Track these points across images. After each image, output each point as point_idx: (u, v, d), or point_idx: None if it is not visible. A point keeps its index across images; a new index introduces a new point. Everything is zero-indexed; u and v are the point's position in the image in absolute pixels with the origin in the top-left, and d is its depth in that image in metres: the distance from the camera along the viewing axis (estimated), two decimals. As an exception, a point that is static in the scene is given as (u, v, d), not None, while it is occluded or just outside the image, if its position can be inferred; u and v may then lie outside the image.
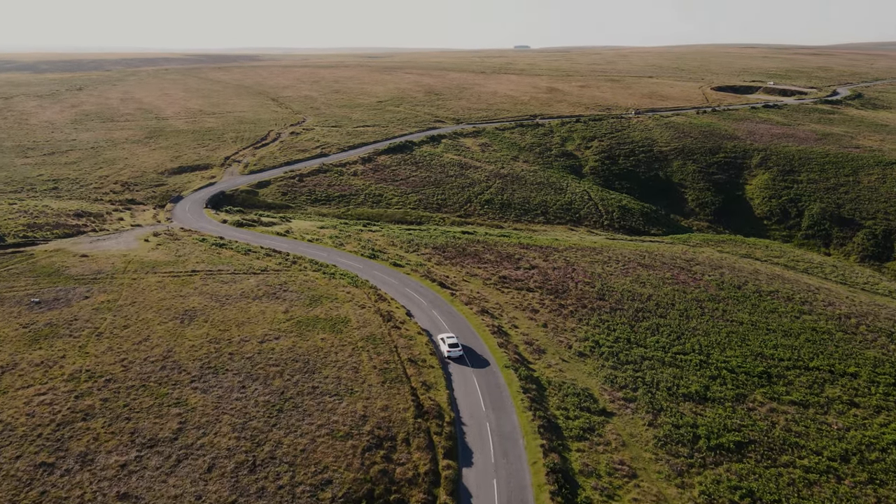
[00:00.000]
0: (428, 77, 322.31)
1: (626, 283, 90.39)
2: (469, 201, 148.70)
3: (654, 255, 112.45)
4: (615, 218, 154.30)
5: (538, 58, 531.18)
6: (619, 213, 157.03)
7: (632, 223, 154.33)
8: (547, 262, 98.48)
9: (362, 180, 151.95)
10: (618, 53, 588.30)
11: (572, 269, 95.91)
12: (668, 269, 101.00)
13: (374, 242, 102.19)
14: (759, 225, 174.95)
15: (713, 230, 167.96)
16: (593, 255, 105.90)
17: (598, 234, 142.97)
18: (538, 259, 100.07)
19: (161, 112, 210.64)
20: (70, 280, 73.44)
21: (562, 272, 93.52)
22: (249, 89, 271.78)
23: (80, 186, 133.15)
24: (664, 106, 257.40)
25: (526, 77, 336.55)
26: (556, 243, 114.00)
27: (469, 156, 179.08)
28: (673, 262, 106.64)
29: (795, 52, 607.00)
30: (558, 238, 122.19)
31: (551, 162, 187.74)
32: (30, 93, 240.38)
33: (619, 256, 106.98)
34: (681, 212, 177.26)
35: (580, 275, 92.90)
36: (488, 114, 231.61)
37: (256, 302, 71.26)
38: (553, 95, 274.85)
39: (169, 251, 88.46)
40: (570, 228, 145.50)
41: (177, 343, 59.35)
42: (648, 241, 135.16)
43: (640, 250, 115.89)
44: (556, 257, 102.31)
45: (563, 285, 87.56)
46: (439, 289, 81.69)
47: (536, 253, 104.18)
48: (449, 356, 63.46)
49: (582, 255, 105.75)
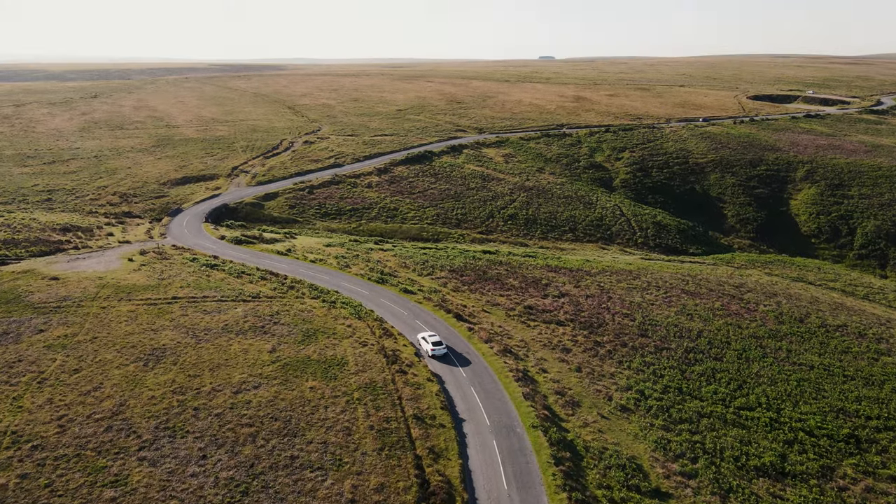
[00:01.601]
0: (450, 85, 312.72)
1: (671, 316, 78.38)
2: (491, 216, 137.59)
3: (698, 279, 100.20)
4: (650, 235, 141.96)
5: (564, 67, 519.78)
6: (653, 229, 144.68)
7: (668, 241, 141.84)
8: (578, 289, 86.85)
9: (377, 193, 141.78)
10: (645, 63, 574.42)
11: (608, 297, 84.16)
12: (717, 298, 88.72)
13: (383, 264, 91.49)
14: (806, 243, 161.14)
15: (756, 249, 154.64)
16: (630, 280, 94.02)
17: (633, 254, 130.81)
18: (568, 285, 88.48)
19: (172, 120, 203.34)
20: (28, 309, 63.81)
21: (596, 301, 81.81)
22: (266, 97, 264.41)
23: (75, 198, 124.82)
24: (698, 115, 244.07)
25: (552, 86, 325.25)
26: (588, 265, 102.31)
27: (492, 167, 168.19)
28: (721, 289, 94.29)
29: (831, 62, 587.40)
30: (589, 259, 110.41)
31: (579, 174, 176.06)
32: (43, 100, 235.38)
33: (659, 281, 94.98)
34: (720, 228, 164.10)
35: (617, 304, 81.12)
36: (512, 123, 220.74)
37: (240, 338, 60.81)
38: (580, 104, 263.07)
39: (152, 273, 78.70)
40: (600, 247, 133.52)
41: (133, 394, 49.00)
42: (688, 262, 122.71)
43: (681, 273, 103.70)
44: (588, 282, 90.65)
45: (599, 318, 75.87)
46: (455, 322, 70.53)
47: (566, 277, 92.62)
48: (433, 355, 62.27)
49: (617, 279, 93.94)
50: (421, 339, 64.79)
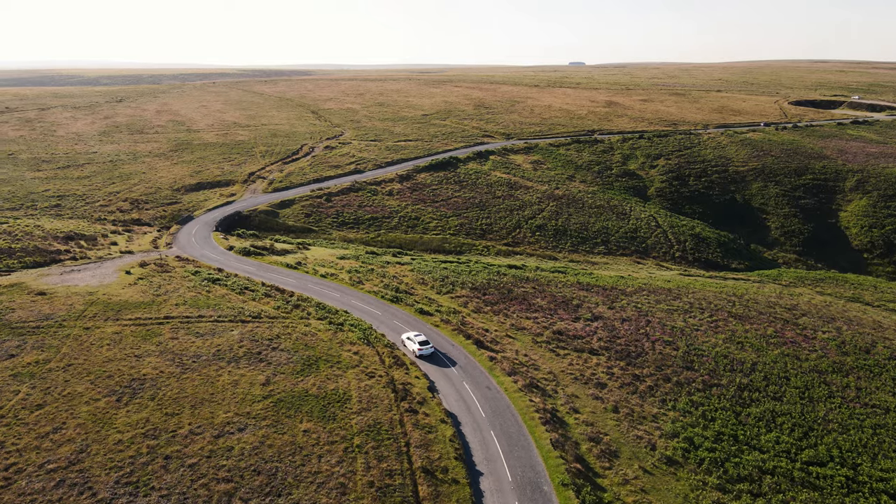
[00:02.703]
0: (478, 90, 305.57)
1: (719, 344, 69.67)
2: (518, 227, 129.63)
3: (745, 299, 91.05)
4: (688, 249, 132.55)
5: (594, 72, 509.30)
6: (692, 242, 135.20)
7: (708, 255, 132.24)
8: (613, 311, 78.53)
9: (398, 201, 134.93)
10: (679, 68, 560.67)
11: (646, 320, 75.70)
12: (769, 322, 79.58)
13: (399, 279, 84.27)
14: (858, 258, 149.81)
15: (803, 264, 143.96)
16: (670, 301, 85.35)
17: (670, 269, 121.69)
18: (602, 306, 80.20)
19: (194, 124, 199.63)
20: (4, 329, 57.97)
21: (633, 326, 73.44)
22: (290, 101, 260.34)
23: (85, 203, 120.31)
24: (737, 121, 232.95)
25: (583, 90, 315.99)
26: (623, 283, 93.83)
27: (519, 174, 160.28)
28: (772, 311, 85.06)
29: (874, 66, 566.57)
30: (624, 276, 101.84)
31: (612, 182, 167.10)
32: (68, 104, 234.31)
33: (702, 302, 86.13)
34: (763, 241, 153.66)
35: (657, 330, 72.65)
36: (541, 128, 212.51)
37: (231, 367, 54.03)
38: (612, 110, 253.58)
39: (148, 288, 72.65)
40: (635, 261, 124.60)
41: (98, 437, 42.42)
42: (732, 279, 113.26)
43: (726, 292, 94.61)
44: (623, 303, 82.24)
45: (637, 346, 67.55)
46: (475, 350, 62.92)
47: (599, 297, 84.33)
48: (420, 355, 60.86)
49: (656, 299, 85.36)
50: (406, 340, 63.38)
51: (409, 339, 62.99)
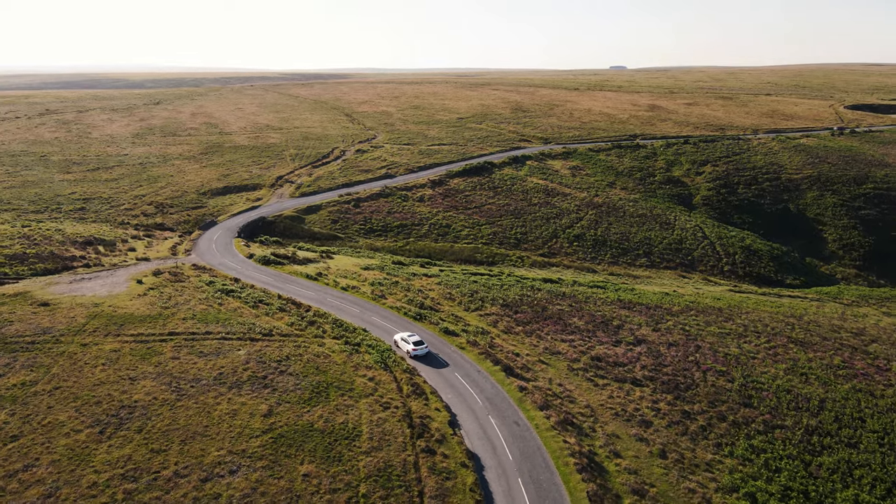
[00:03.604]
0: (515, 93, 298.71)
1: (780, 375, 61.93)
2: (555, 236, 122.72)
3: (806, 321, 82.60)
4: (738, 262, 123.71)
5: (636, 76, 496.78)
6: (742, 255, 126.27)
7: (759, 269, 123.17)
8: (658, 334, 71.28)
9: (429, 207, 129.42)
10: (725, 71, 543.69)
11: (695, 345, 68.29)
12: (835, 349, 71.25)
13: (425, 294, 78.47)
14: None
15: (864, 280, 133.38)
16: (721, 322, 77.60)
17: (719, 284, 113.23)
18: (645, 327, 73.01)
19: (227, 127, 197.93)
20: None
21: (681, 352, 66.14)
22: (325, 104, 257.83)
23: (110, 207, 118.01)
24: (789, 126, 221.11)
25: (624, 94, 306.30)
26: (668, 301, 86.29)
27: (557, 180, 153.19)
28: (836, 336, 76.58)
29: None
30: (668, 292, 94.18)
31: (654, 190, 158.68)
32: (106, 106, 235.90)
33: (757, 324, 78.12)
34: (819, 254, 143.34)
35: (709, 357, 65.21)
36: (581, 133, 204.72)
37: (232, 393, 48.92)
38: (656, 114, 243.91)
39: (158, 299, 68.43)
40: (680, 275, 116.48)
41: (72, 477, 37.59)
42: (787, 297, 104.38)
43: (782, 313, 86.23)
44: (669, 324, 74.88)
45: (686, 375, 60.32)
46: (503, 378, 56.62)
47: (642, 316, 77.11)
48: (415, 355, 59.27)
49: (706, 320, 77.71)
50: (399, 340, 61.32)
51: (402, 339, 61.02)
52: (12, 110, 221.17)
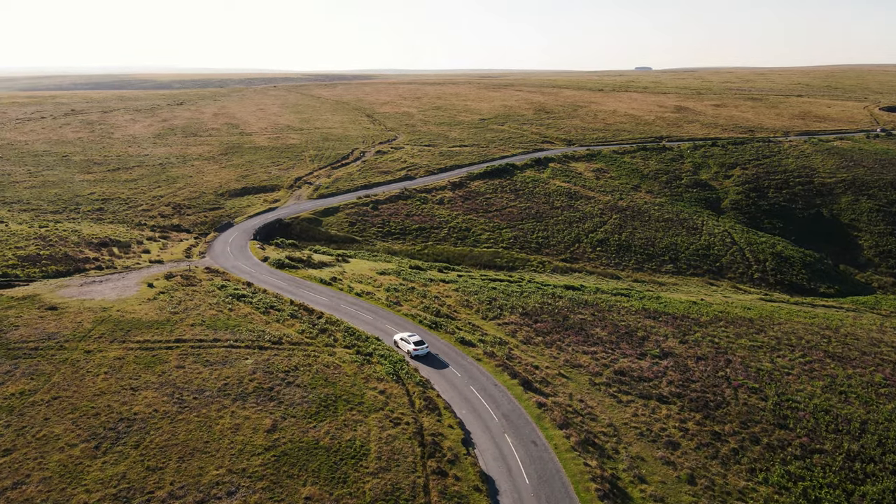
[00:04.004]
0: (539, 94, 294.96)
1: (818, 394, 58.17)
2: (577, 241, 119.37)
3: (843, 334, 78.36)
4: (768, 269, 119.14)
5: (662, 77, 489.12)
6: (773, 262, 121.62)
7: (791, 276, 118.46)
8: (685, 346, 67.83)
9: (448, 210, 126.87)
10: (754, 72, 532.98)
11: (725, 359, 64.74)
12: (875, 365, 67.14)
13: (442, 301, 75.89)
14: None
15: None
16: (752, 335, 73.78)
17: (749, 292, 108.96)
18: (672, 339, 69.60)
19: (248, 127, 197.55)
20: (0, 350, 52.67)
21: (710, 366, 62.66)
22: (346, 105, 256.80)
23: (128, 208, 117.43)
24: (822, 128, 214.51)
25: (650, 95, 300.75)
26: (695, 311, 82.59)
27: (580, 183, 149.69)
28: (876, 351, 72.35)
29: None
30: (696, 301, 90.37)
31: (681, 193, 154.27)
32: (130, 107, 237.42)
33: (791, 337, 74.17)
34: (853, 262, 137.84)
35: (740, 372, 61.65)
36: (605, 135, 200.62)
37: (236, 406, 46.82)
38: (682, 115, 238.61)
39: (167, 303, 66.79)
40: (708, 282, 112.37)
41: (62, 497, 35.75)
42: (822, 307, 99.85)
43: (817, 325, 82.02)
44: (697, 336, 71.35)
45: (716, 392, 56.90)
46: (521, 392, 53.77)
47: (669, 327, 73.66)
48: (415, 355, 58.97)
49: (736, 332, 73.99)
50: (399, 340, 61.14)
51: (402, 339, 60.91)
52: (39, 110, 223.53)
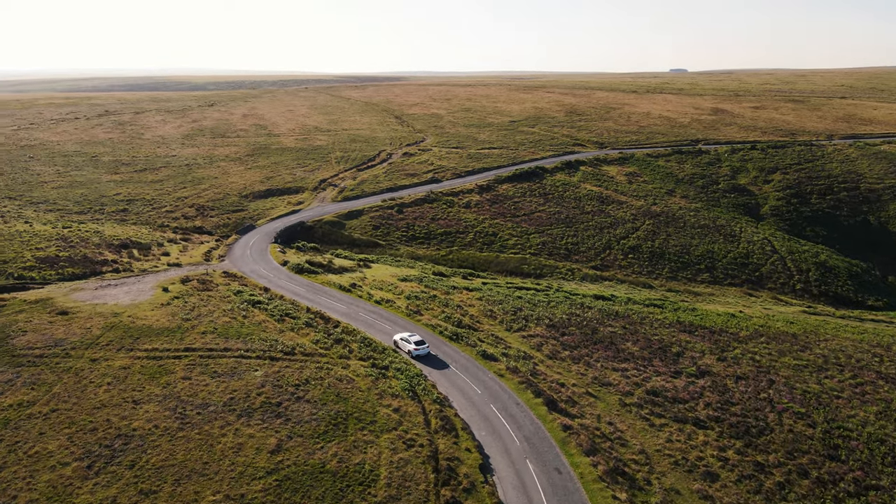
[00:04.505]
0: (570, 96, 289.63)
1: (871, 420, 53.28)
2: (608, 247, 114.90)
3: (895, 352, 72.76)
4: (811, 279, 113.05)
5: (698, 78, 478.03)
6: (816, 272, 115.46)
7: (836, 288, 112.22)
8: (724, 364, 63.33)
9: (475, 214, 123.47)
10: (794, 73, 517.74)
11: (768, 379, 60.10)
12: (934, 390, 61.68)
13: (464, 310, 72.55)
14: None
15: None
16: (797, 352, 68.84)
17: (791, 304, 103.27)
18: (709, 356, 65.13)
19: (276, 128, 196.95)
20: (4, 357, 51.03)
21: (751, 387, 58.14)
22: (375, 106, 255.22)
23: (152, 209, 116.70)
24: (868, 131, 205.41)
25: (685, 97, 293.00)
26: (734, 324, 77.79)
27: (612, 187, 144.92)
28: (934, 373, 66.68)
29: None
30: (734, 313, 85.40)
31: (718, 199, 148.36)
32: (162, 108, 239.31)
33: (839, 355, 69.03)
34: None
35: (784, 394, 57.02)
36: (638, 137, 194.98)
37: (241, 423, 44.17)
38: (719, 117, 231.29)
39: (181, 309, 64.79)
40: (747, 292, 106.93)
41: (45, 523, 33.33)
42: (870, 321, 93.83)
43: (867, 341, 76.49)
44: (736, 352, 66.75)
45: (758, 417, 52.47)
46: (545, 412, 50.10)
47: (705, 342, 69.15)
48: (416, 355, 58.29)
49: (779, 349, 69.12)
50: (400, 340, 60.24)
51: (403, 339, 60.09)
52: (73, 111, 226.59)
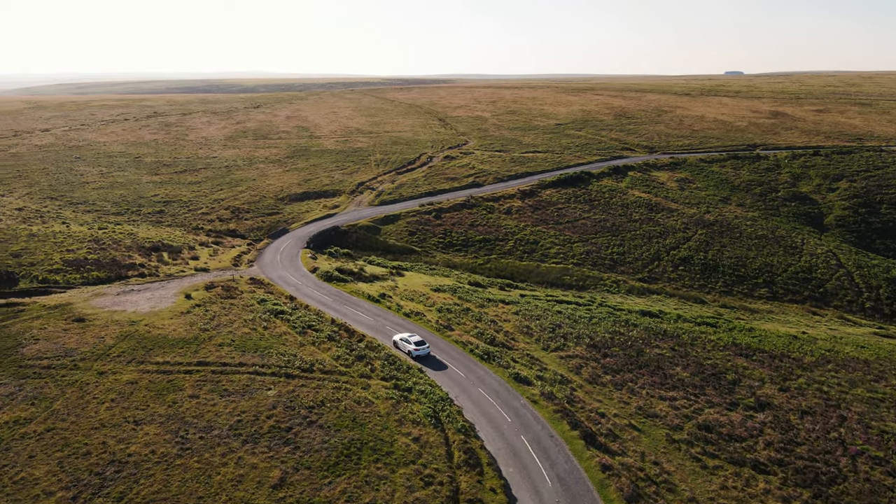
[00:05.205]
0: (620, 99, 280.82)
1: (963, 470, 46.16)
2: (657, 258, 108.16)
3: (984, 386, 64.47)
4: (883, 297, 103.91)
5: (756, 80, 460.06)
6: (888, 288, 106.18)
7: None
8: (787, 395, 56.75)
9: (516, 220, 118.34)
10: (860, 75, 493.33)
11: (838, 415, 53.33)
12: None
13: (498, 326, 67.70)
14: None
15: None
16: (871, 382, 61.58)
17: (860, 323, 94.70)
18: (769, 385, 58.61)
19: (317, 130, 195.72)
20: (10, 368, 48.80)
21: (819, 424, 51.54)
22: (419, 108, 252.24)
23: (188, 211, 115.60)
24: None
25: (742, 99, 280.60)
26: (797, 347, 70.69)
27: (662, 194, 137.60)
28: None
29: None
30: (797, 335, 77.99)
31: (777, 207, 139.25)
32: (209, 110, 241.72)
33: (919, 387, 61.35)
34: None
35: (858, 434, 50.28)
36: (691, 141, 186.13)
37: (245, 451, 40.50)
38: (779, 121, 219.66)
39: (200, 318, 61.94)
40: (810, 310, 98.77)
41: (15, 565, 30.10)
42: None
43: (950, 372, 68.22)
44: (801, 382, 59.98)
45: (828, 460, 46.04)
46: (583, 448, 44.88)
47: (765, 369, 62.53)
48: (416, 356, 57.55)
49: (849, 378, 61.96)
50: (400, 341, 59.47)
51: (403, 339, 59.38)
52: (124, 112, 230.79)
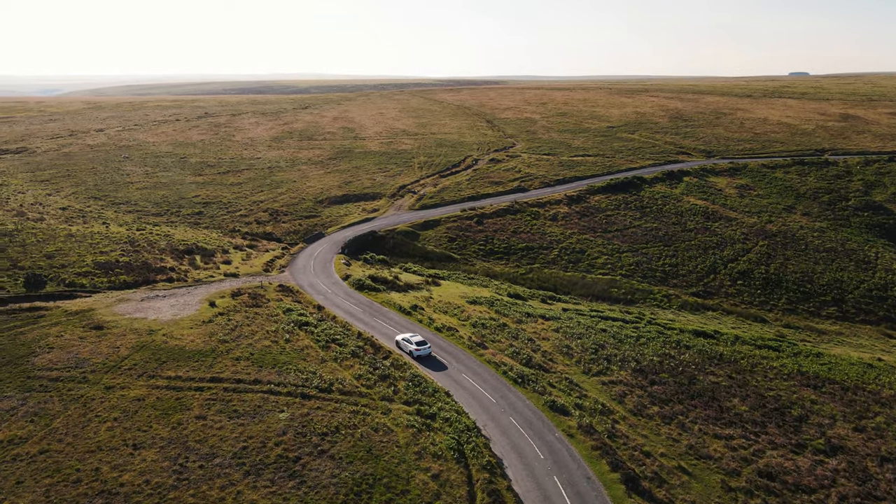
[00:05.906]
0: (676, 101, 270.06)
1: None
2: (713, 271, 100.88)
3: None
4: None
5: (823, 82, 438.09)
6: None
7: None
8: (862, 436, 49.98)
9: (561, 228, 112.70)
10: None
11: (924, 463, 46.33)
12: None
13: (536, 344, 62.69)
14: None
15: None
16: (961, 423, 53.91)
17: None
18: (842, 423, 51.86)
19: (363, 131, 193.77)
20: (17, 378, 46.74)
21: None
22: (468, 110, 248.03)
23: (226, 212, 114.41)
24: None
25: (808, 102, 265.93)
26: (873, 377, 63.31)
27: (720, 201, 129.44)
28: None
29: None
30: (872, 362, 70.29)
31: (848, 217, 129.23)
32: (258, 110, 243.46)
33: None
34: None
35: (949, 489, 43.33)
36: (753, 146, 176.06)
37: (246, 483, 36.95)
38: (850, 124, 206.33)
39: (221, 329, 59.18)
40: (885, 332, 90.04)
41: None
42: None
43: None
44: (879, 420, 53.02)
45: (914, 522, 39.48)
46: (623, 493, 39.63)
47: (837, 403, 55.68)
48: (418, 355, 56.90)
49: (935, 418, 54.47)
50: (402, 341, 58.94)
51: (405, 339, 58.79)
52: (176, 113, 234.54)
